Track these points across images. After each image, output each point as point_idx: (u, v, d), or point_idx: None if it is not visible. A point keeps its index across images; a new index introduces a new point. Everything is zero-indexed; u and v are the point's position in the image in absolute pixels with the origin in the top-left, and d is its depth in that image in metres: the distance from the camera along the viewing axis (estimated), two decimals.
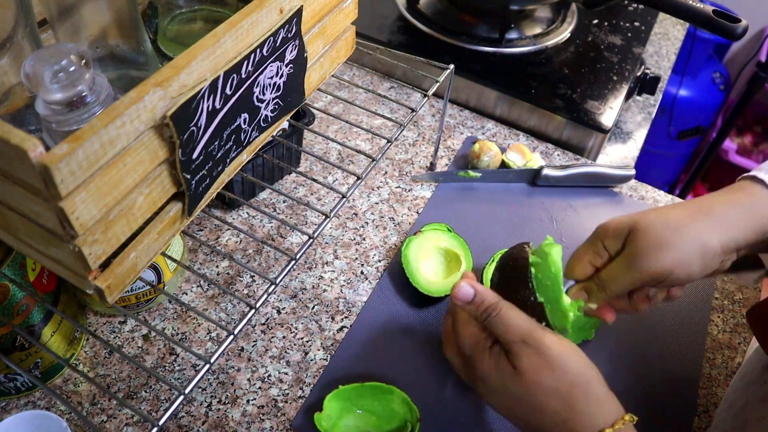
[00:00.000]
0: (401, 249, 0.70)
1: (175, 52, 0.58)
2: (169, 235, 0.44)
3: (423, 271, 0.68)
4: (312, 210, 0.67)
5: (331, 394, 0.57)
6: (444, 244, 0.70)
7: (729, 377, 0.64)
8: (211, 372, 0.61)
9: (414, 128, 0.89)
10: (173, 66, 0.38)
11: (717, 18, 0.74)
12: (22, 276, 0.52)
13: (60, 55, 0.37)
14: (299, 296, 0.68)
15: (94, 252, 0.37)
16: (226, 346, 0.43)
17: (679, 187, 1.97)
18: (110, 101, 0.40)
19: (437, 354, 0.63)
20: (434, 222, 0.73)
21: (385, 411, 0.58)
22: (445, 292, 0.66)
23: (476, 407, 0.60)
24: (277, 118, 0.51)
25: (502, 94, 0.89)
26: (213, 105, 0.41)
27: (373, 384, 0.57)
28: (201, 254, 0.71)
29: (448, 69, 0.69)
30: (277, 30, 0.45)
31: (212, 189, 0.46)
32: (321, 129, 0.87)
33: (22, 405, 0.58)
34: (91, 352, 0.62)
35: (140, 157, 0.37)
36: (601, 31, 1.00)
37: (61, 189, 0.32)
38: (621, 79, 0.91)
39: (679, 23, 1.18)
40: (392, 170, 0.82)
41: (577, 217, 0.78)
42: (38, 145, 0.31)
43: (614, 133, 0.95)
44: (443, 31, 0.95)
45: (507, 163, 0.81)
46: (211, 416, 0.58)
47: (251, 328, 0.65)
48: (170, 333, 0.64)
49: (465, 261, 0.69)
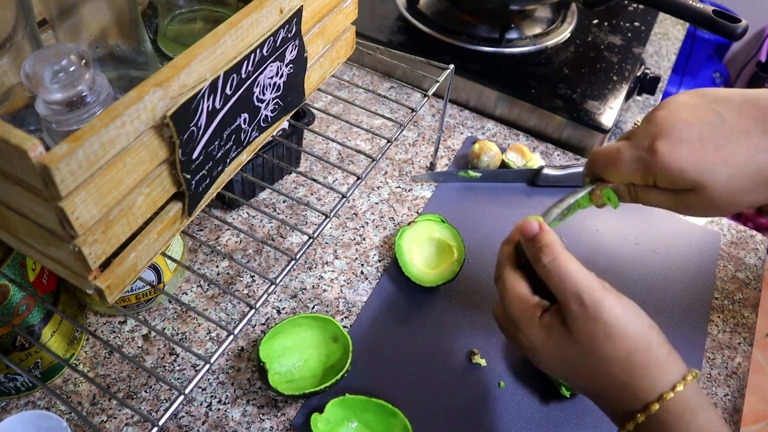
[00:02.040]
0: (395, 239, 0.70)
1: (175, 52, 0.58)
2: (169, 235, 0.44)
3: (416, 261, 0.69)
4: (312, 210, 0.67)
5: (336, 399, 0.57)
6: (437, 234, 0.71)
7: (729, 377, 0.64)
8: (211, 372, 0.61)
9: (414, 128, 0.89)
10: (173, 66, 0.38)
11: (717, 18, 0.74)
12: (22, 276, 0.52)
13: (60, 55, 0.37)
14: (299, 296, 0.68)
15: (94, 252, 0.37)
16: (226, 346, 0.43)
17: None
18: (110, 101, 0.40)
19: (437, 356, 0.63)
20: None
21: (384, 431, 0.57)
22: (437, 282, 0.67)
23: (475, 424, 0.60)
24: (277, 118, 0.51)
25: (502, 94, 0.89)
26: (213, 105, 0.41)
27: (380, 402, 0.57)
28: (201, 254, 0.71)
29: (448, 69, 0.69)
30: (277, 30, 0.45)
31: (212, 189, 0.46)
32: (321, 129, 0.87)
33: (22, 405, 0.58)
34: (91, 352, 0.62)
35: (140, 157, 0.37)
36: (601, 31, 1.00)
37: (61, 189, 0.32)
38: (621, 79, 0.91)
39: (679, 23, 1.18)
40: (392, 170, 0.82)
41: (577, 216, 0.78)
42: (38, 145, 0.31)
43: (614, 133, 0.95)
44: (443, 31, 0.95)
45: (507, 163, 0.81)
46: (211, 416, 0.58)
47: (251, 328, 0.65)
48: (170, 333, 0.64)
49: (457, 252, 0.69)
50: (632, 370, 0.40)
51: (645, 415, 0.40)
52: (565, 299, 0.42)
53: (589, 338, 0.41)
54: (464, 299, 0.68)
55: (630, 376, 0.41)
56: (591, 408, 0.60)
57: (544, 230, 0.44)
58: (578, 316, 0.41)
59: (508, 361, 0.63)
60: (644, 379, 0.41)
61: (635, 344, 0.41)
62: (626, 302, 0.42)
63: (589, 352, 0.41)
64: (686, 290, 0.71)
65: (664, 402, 0.40)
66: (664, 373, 0.41)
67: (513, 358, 0.63)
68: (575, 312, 0.41)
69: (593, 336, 0.41)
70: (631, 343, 0.41)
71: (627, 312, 0.42)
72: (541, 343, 0.43)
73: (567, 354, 0.42)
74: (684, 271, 0.73)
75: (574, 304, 0.41)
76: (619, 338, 0.41)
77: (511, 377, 0.62)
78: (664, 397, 0.40)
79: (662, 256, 0.74)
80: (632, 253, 0.74)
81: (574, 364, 0.42)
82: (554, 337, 0.42)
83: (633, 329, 0.41)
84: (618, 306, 0.41)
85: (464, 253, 0.69)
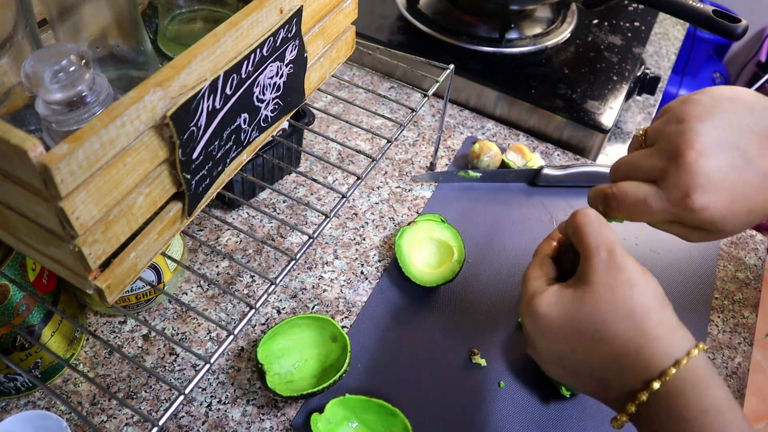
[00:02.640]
0: (395, 239, 0.70)
1: (175, 52, 0.58)
2: (169, 235, 0.44)
3: (416, 261, 0.69)
4: (312, 210, 0.67)
5: (336, 399, 0.57)
6: (437, 234, 0.71)
7: (729, 377, 0.64)
8: (211, 372, 0.61)
9: (414, 128, 0.89)
10: (173, 66, 0.38)
11: (717, 18, 0.74)
12: (22, 276, 0.52)
13: (60, 55, 0.37)
14: (299, 296, 0.68)
15: (94, 252, 0.37)
16: (226, 346, 0.43)
17: None
18: (110, 101, 0.40)
19: (437, 356, 0.63)
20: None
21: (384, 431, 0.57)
22: (437, 282, 0.67)
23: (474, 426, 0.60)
24: (277, 118, 0.51)
25: (502, 94, 0.89)
26: (213, 105, 0.41)
27: (380, 402, 0.57)
28: (201, 254, 0.71)
29: (448, 69, 0.69)
30: (277, 30, 0.45)
31: (212, 189, 0.46)
32: (321, 129, 0.87)
33: (22, 405, 0.58)
34: (91, 352, 0.62)
35: (140, 157, 0.37)
36: (601, 31, 1.00)
37: (61, 189, 0.32)
38: (621, 79, 0.91)
39: (679, 23, 1.18)
40: (392, 170, 0.82)
41: None
42: (38, 145, 0.31)
43: (614, 133, 0.95)
44: (443, 31, 0.95)
45: (507, 163, 0.81)
46: (211, 416, 0.58)
47: (251, 328, 0.65)
48: (170, 333, 0.64)
49: (457, 252, 0.69)
50: (648, 330, 0.39)
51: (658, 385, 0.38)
52: (596, 247, 0.42)
53: (610, 287, 0.40)
54: (464, 299, 0.68)
55: (645, 336, 0.39)
56: (591, 408, 0.60)
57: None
58: (603, 263, 0.41)
59: (508, 361, 0.63)
60: (659, 340, 0.39)
61: (653, 302, 0.40)
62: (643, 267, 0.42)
63: (606, 303, 0.40)
64: (686, 290, 0.71)
65: (680, 368, 0.38)
66: (678, 338, 0.39)
67: (513, 358, 0.63)
68: (602, 259, 0.41)
69: (613, 285, 0.40)
70: (650, 300, 0.40)
71: (646, 274, 0.42)
72: (545, 310, 0.42)
73: (575, 316, 0.41)
74: (684, 271, 0.73)
75: (603, 252, 0.41)
76: (640, 291, 0.40)
77: (511, 377, 0.62)
78: (680, 363, 0.38)
79: (662, 255, 0.74)
80: (632, 252, 0.73)
81: (583, 326, 0.41)
82: (563, 300, 0.42)
83: (652, 289, 0.41)
84: (639, 267, 0.42)
85: (464, 253, 0.69)
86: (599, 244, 0.42)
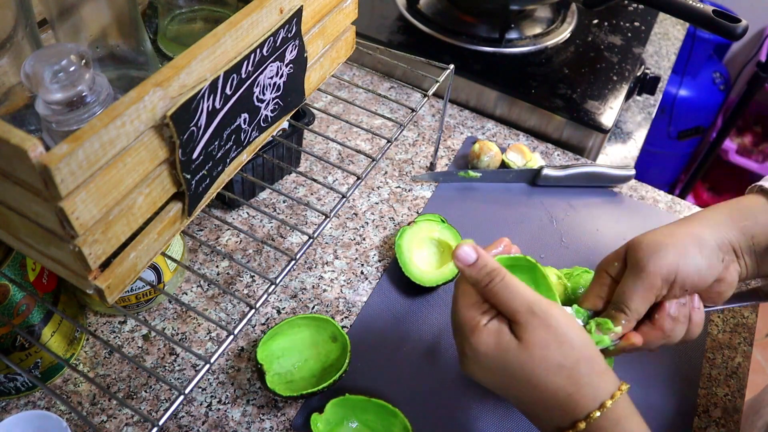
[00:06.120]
0: (395, 239, 0.70)
1: (175, 52, 0.58)
2: (169, 235, 0.44)
3: (416, 261, 0.69)
4: (312, 210, 0.67)
5: (336, 399, 0.57)
6: (437, 234, 0.71)
7: (729, 377, 0.64)
8: (211, 372, 0.61)
9: (414, 128, 0.89)
10: (173, 66, 0.38)
11: (717, 18, 0.74)
12: (22, 276, 0.52)
13: (60, 55, 0.37)
14: (299, 296, 0.68)
15: (94, 252, 0.37)
16: (226, 346, 0.43)
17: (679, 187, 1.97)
18: (110, 101, 0.40)
19: (437, 356, 0.63)
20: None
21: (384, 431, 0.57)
22: (437, 282, 0.67)
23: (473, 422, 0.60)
24: (277, 118, 0.51)
25: (502, 94, 0.89)
26: (213, 105, 0.41)
27: (380, 402, 0.57)
28: (201, 254, 0.71)
29: (448, 69, 0.69)
30: (277, 30, 0.45)
31: (212, 189, 0.46)
32: (321, 129, 0.87)
33: (22, 405, 0.58)
34: (91, 352, 0.62)
35: (140, 157, 0.37)
36: (601, 31, 1.00)
37: (61, 189, 0.32)
38: (621, 79, 0.91)
39: (679, 23, 1.18)
40: (392, 170, 0.82)
41: (577, 217, 0.78)
42: (38, 145, 0.31)
43: (614, 133, 0.95)
44: (443, 31, 0.95)
45: (507, 163, 0.81)
46: (211, 416, 0.58)
47: (251, 328, 0.65)
48: (170, 333, 0.64)
49: None
50: (578, 379, 0.42)
51: (584, 426, 0.41)
52: (516, 311, 0.43)
53: (541, 345, 0.42)
54: None
55: (575, 384, 0.42)
56: None
57: (483, 255, 0.44)
58: (530, 324, 0.42)
59: None
60: (589, 387, 0.42)
61: (581, 353, 0.42)
62: (569, 315, 0.44)
63: (539, 359, 0.42)
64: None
65: (604, 410, 0.41)
66: (605, 383, 0.42)
67: None
68: (527, 321, 0.42)
69: (545, 344, 0.42)
70: (578, 351, 0.42)
71: (572, 322, 0.43)
72: (485, 349, 0.43)
73: (511, 362, 0.43)
74: None
75: (525, 314, 0.42)
76: (569, 346, 0.42)
77: None
78: (605, 405, 0.41)
79: None
80: None
81: (518, 372, 0.43)
82: (501, 345, 0.43)
83: (579, 338, 0.43)
84: (564, 316, 0.43)
85: None
86: (517, 308, 0.43)
